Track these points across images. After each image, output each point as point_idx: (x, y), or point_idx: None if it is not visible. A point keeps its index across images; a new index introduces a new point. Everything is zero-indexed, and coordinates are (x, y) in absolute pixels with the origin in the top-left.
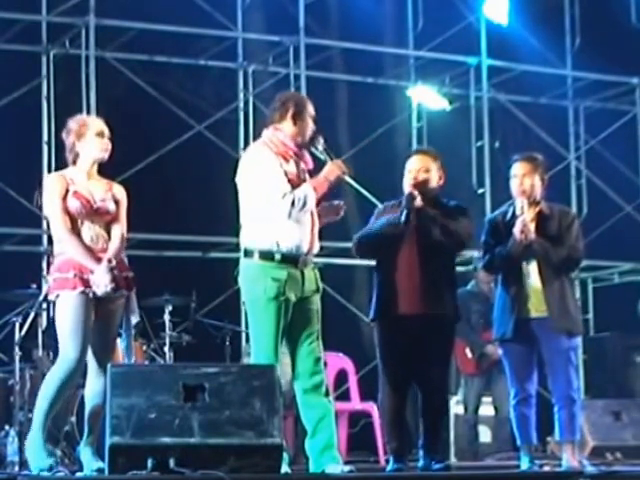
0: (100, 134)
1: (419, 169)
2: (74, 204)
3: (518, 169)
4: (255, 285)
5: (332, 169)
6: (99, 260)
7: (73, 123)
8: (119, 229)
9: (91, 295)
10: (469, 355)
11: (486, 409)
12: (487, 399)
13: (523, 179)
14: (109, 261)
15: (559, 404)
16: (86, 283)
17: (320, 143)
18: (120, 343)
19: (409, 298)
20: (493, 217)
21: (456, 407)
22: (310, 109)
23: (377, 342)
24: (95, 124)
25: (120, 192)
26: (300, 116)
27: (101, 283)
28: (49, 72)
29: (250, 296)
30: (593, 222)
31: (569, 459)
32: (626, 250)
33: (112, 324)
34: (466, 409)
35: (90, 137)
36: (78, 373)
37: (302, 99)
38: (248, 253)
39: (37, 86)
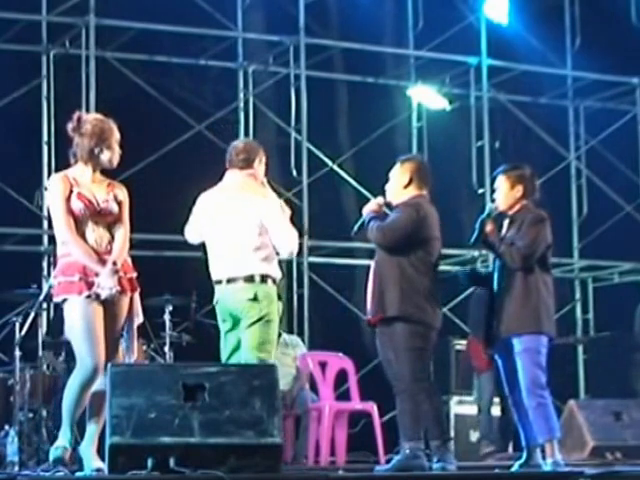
0: (118, 142)
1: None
2: (77, 205)
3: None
4: (273, 306)
5: (287, 210)
6: (104, 262)
7: (97, 124)
8: (122, 230)
9: (94, 297)
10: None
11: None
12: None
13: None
14: (114, 263)
15: None
16: (91, 286)
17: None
18: (121, 343)
19: (367, 302)
20: None
21: (461, 407)
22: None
23: None
24: (116, 131)
25: (122, 193)
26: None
27: (106, 286)
28: (49, 72)
29: (270, 316)
30: (593, 222)
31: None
32: (626, 250)
33: (116, 325)
34: (480, 409)
35: (113, 144)
36: (97, 375)
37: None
38: (264, 279)
39: (37, 86)
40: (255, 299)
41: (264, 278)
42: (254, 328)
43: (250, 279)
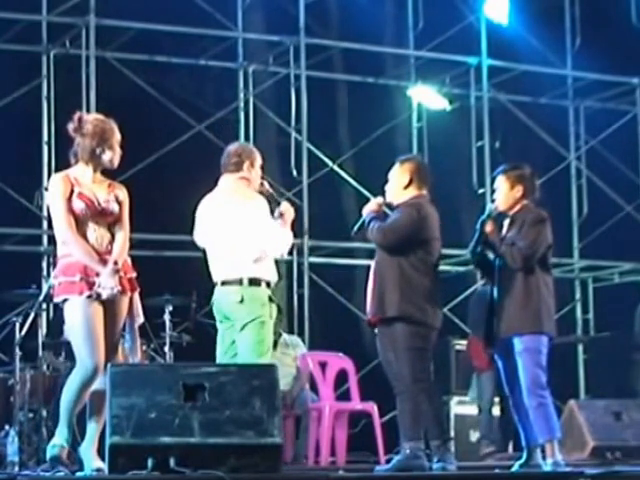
0: (119, 142)
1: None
2: (79, 205)
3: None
4: (264, 309)
5: (291, 211)
6: (104, 262)
7: (98, 124)
8: (122, 230)
9: (95, 297)
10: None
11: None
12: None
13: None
14: (115, 263)
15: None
16: (92, 286)
17: (266, 187)
18: (124, 344)
19: (367, 303)
20: None
21: (461, 407)
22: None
23: None
24: (117, 131)
25: (122, 193)
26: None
27: (107, 286)
28: (49, 72)
29: (262, 317)
30: (593, 222)
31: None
32: (626, 250)
33: (116, 325)
34: (480, 409)
35: (114, 145)
36: (96, 375)
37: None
38: (254, 282)
39: (37, 86)
40: (242, 301)
41: (254, 281)
42: (247, 330)
43: (240, 282)
